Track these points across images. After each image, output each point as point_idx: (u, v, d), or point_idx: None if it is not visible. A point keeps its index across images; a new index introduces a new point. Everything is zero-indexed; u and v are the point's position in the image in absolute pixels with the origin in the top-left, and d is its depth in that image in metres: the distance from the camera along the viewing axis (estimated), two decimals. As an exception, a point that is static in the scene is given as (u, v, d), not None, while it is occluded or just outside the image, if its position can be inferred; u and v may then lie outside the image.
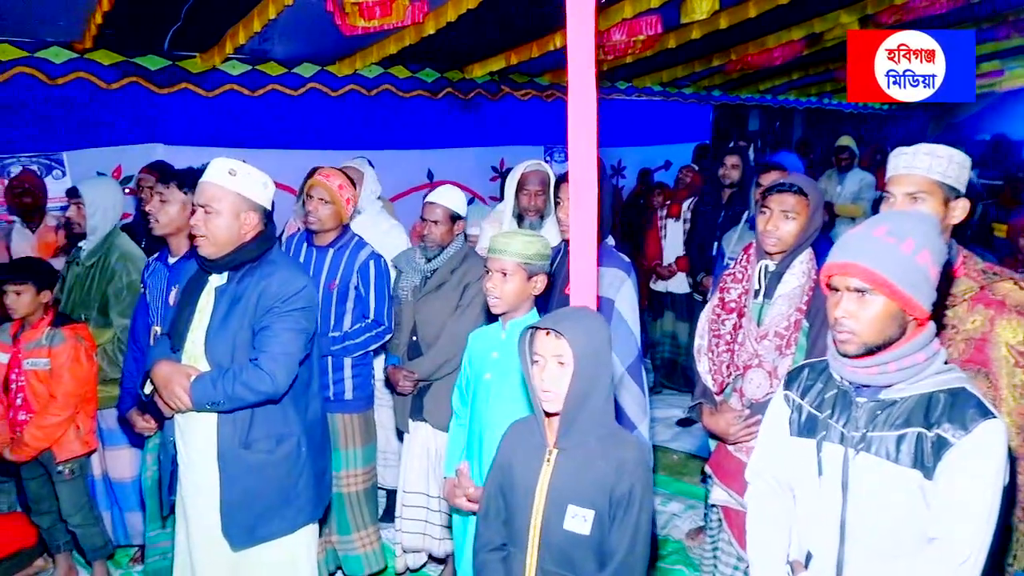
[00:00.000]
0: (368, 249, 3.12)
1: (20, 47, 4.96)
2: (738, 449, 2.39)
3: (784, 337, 2.30)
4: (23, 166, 5.13)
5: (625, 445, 1.70)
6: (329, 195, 3.02)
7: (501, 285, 2.23)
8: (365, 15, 4.19)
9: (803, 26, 6.27)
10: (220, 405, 2.11)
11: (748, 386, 2.37)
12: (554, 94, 7.73)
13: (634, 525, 1.64)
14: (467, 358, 2.45)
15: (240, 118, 5.92)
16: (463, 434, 2.44)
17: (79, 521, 3.16)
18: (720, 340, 2.45)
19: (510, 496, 1.78)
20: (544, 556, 1.70)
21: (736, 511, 2.42)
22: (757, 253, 2.44)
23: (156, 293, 2.86)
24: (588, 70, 1.73)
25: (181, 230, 2.85)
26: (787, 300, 2.32)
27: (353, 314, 3.09)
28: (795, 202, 2.31)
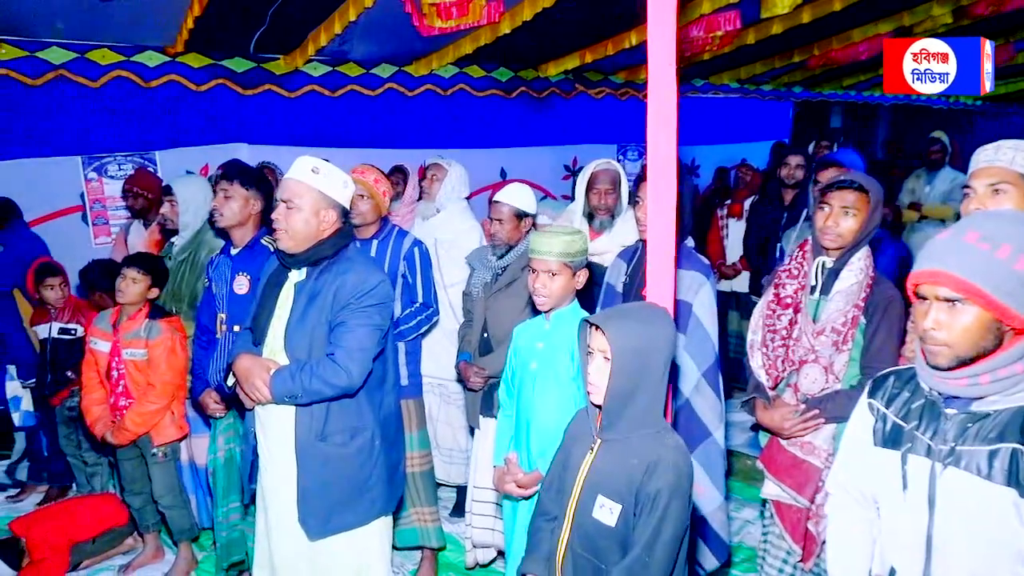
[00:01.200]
0: (411, 237, 3.24)
1: (118, 52, 5.23)
2: (791, 444, 2.39)
3: (841, 333, 2.30)
4: (119, 165, 5.40)
5: (664, 448, 1.69)
6: (367, 190, 3.10)
7: (549, 284, 2.30)
8: (443, 15, 4.24)
9: (891, 19, 6.02)
10: (298, 398, 2.17)
11: (803, 381, 2.36)
12: (628, 92, 7.65)
13: (655, 528, 1.63)
14: (513, 350, 2.50)
15: (320, 118, 6.08)
16: (511, 424, 2.50)
17: (169, 503, 3.31)
18: (775, 335, 2.43)
19: (562, 474, 1.85)
20: (575, 537, 1.76)
21: (787, 505, 2.42)
22: (814, 249, 2.42)
23: (220, 283, 2.99)
24: (668, 68, 1.70)
25: (243, 223, 2.99)
26: (844, 296, 2.31)
27: (402, 301, 3.19)
28: (855, 199, 2.30)
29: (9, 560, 3.36)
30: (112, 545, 3.65)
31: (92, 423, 3.31)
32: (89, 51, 5.15)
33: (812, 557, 2.40)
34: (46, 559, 3.41)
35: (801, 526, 2.39)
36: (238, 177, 2.98)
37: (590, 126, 7.48)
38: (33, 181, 5.07)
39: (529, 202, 3.15)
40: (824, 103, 9.80)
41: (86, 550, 3.54)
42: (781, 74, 8.13)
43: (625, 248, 2.88)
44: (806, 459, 2.35)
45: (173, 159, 5.55)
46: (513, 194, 3.13)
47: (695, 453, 2.56)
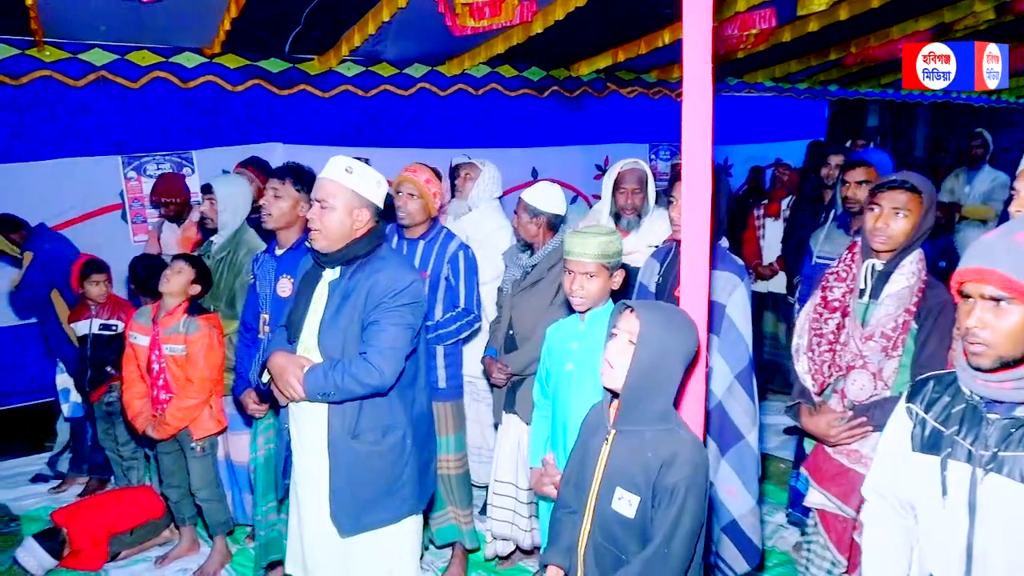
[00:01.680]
0: (457, 240, 3.21)
1: (157, 53, 5.33)
2: (838, 452, 2.33)
3: (891, 339, 2.23)
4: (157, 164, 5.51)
5: (680, 442, 1.70)
6: (417, 190, 3.09)
7: (586, 285, 2.30)
8: (475, 15, 4.26)
9: (932, 16, 5.89)
10: (330, 396, 2.19)
11: (851, 387, 2.30)
12: (661, 91, 7.60)
13: (672, 521, 1.64)
14: (547, 350, 2.50)
15: (353, 117, 6.14)
16: (546, 425, 2.49)
17: (206, 496, 3.37)
18: (822, 340, 2.38)
19: (581, 468, 1.86)
20: (595, 529, 1.77)
21: (833, 515, 2.36)
22: (863, 252, 2.36)
23: (264, 282, 2.99)
24: (704, 67, 1.69)
25: (291, 224, 2.95)
26: (895, 300, 2.25)
27: (444, 303, 3.18)
28: (907, 199, 2.23)
29: (51, 549, 3.44)
30: (149, 537, 3.72)
31: (133, 417, 3.38)
32: (129, 52, 5.25)
33: (858, 569, 2.35)
34: (86, 549, 3.49)
35: (847, 536, 2.34)
36: (290, 177, 2.93)
37: (622, 125, 7.44)
38: (74, 180, 5.19)
39: (549, 202, 3.09)
40: (861, 101, 9.62)
41: (124, 541, 3.62)
42: (817, 72, 8.00)
43: (658, 248, 2.87)
44: (853, 467, 2.29)
45: (210, 158, 5.65)
46: (533, 192, 3.11)
47: (727, 455, 2.54)
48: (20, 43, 4.90)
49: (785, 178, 5.79)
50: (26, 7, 4.19)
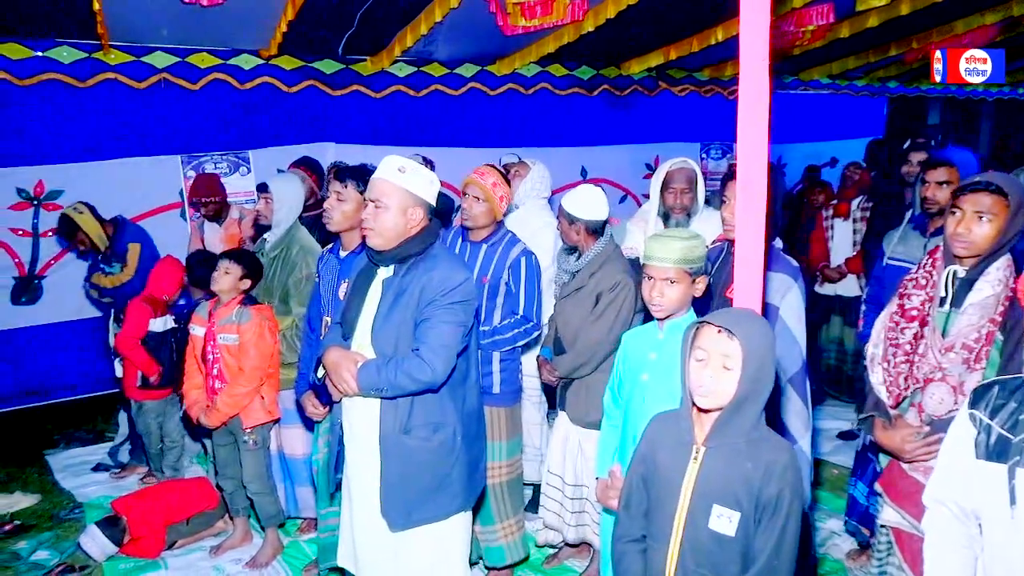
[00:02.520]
0: (520, 246, 3.15)
1: (216, 55, 5.46)
2: (914, 468, 2.21)
3: (973, 350, 2.09)
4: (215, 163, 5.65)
5: (776, 448, 1.63)
6: (483, 193, 3.08)
7: (667, 292, 2.21)
8: (527, 15, 4.26)
9: (999, 9, 5.68)
10: (383, 391, 2.22)
11: (929, 401, 2.17)
12: (713, 89, 7.49)
13: (780, 531, 1.58)
14: (621, 358, 2.43)
15: (405, 117, 6.20)
16: (615, 435, 2.42)
17: (257, 488, 3.44)
18: (898, 350, 2.25)
19: (652, 489, 1.76)
20: (686, 553, 1.67)
21: (909, 534, 2.24)
22: (945, 258, 2.22)
23: (328, 284, 3.00)
24: (761, 64, 1.65)
25: (354, 227, 2.91)
26: (979, 310, 2.10)
27: (503, 309, 3.14)
28: (992, 203, 2.09)
29: (112, 536, 3.56)
30: (204, 527, 3.82)
31: (189, 406, 3.49)
32: (189, 55, 5.40)
33: None
34: (144, 537, 3.61)
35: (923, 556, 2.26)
36: (352, 179, 2.90)
37: (673, 124, 7.36)
38: (136, 179, 5.37)
39: (585, 208, 3.02)
40: (921, 99, 9.33)
41: (181, 530, 3.72)
42: (876, 69, 7.79)
43: (710, 248, 2.82)
44: None
45: (265, 158, 5.78)
46: (571, 199, 3.06)
47: (780, 461, 2.49)
48: (87, 47, 5.08)
49: (856, 177, 5.64)
50: (93, 12, 4.35)
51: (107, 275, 4.29)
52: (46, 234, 5.15)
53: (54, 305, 5.33)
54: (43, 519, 4.05)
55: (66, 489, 4.42)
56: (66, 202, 4.83)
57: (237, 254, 3.41)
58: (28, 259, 5.21)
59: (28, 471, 4.69)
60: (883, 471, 2.36)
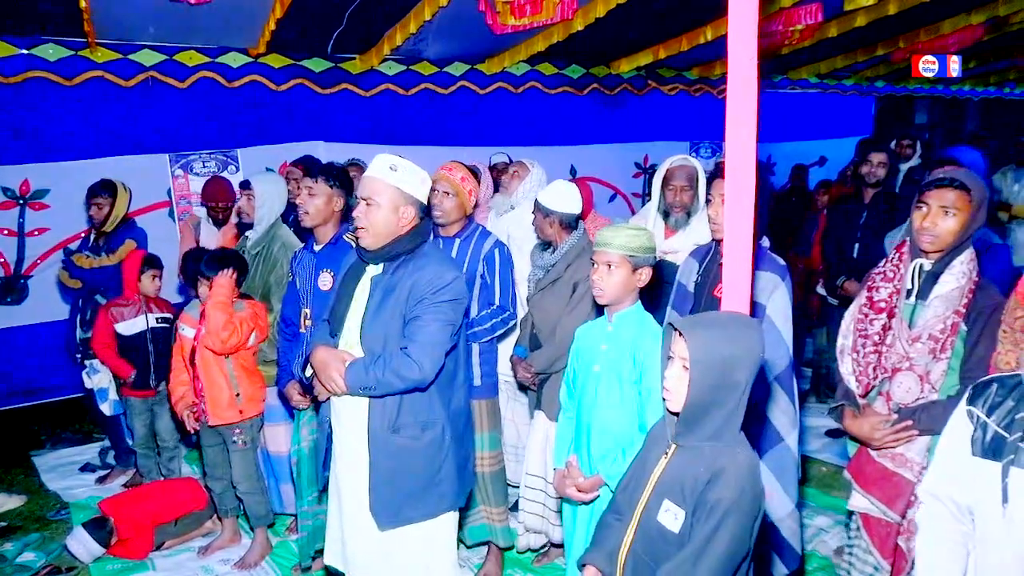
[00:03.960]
0: (492, 238, 3.20)
1: (204, 53, 5.44)
2: (882, 455, 2.28)
3: (939, 341, 2.16)
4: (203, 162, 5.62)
5: (732, 461, 1.62)
6: (452, 187, 3.10)
7: (607, 277, 2.29)
8: (516, 13, 4.26)
9: (985, 9, 5.73)
10: (372, 390, 2.21)
11: (896, 390, 2.24)
12: (702, 88, 7.52)
13: (706, 537, 1.56)
14: (575, 351, 2.48)
15: (394, 116, 6.20)
16: (571, 426, 2.47)
17: (246, 489, 3.43)
18: (867, 341, 2.32)
19: (638, 477, 1.84)
20: (638, 539, 1.75)
21: (876, 519, 2.32)
22: (911, 251, 2.30)
23: (304, 278, 3.06)
24: (749, 63, 1.66)
25: (327, 220, 3.04)
26: (944, 302, 2.18)
27: (479, 301, 3.18)
28: (955, 198, 2.17)
29: (99, 538, 3.54)
30: (193, 527, 3.79)
31: (176, 403, 3.47)
32: (177, 53, 5.37)
33: (902, 574, 2.30)
34: (132, 538, 3.58)
35: (890, 541, 2.29)
36: (322, 174, 3.03)
37: (662, 123, 7.39)
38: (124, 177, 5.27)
39: (560, 201, 3.06)
40: (909, 98, 9.41)
41: (169, 531, 3.70)
42: (863, 68, 7.84)
43: (698, 247, 2.83)
44: (897, 471, 2.24)
45: (253, 156, 5.75)
46: (546, 192, 3.11)
47: (766, 458, 2.50)
48: (73, 44, 5.04)
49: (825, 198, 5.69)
50: (80, 10, 4.31)
51: (88, 258, 4.25)
52: (32, 233, 5.12)
53: (40, 305, 5.30)
54: (29, 520, 4.02)
55: (53, 490, 4.39)
56: (51, 201, 4.80)
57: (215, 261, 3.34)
58: (14, 259, 5.18)
59: (14, 472, 4.65)
60: (852, 458, 2.42)
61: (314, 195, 3.01)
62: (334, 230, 3.06)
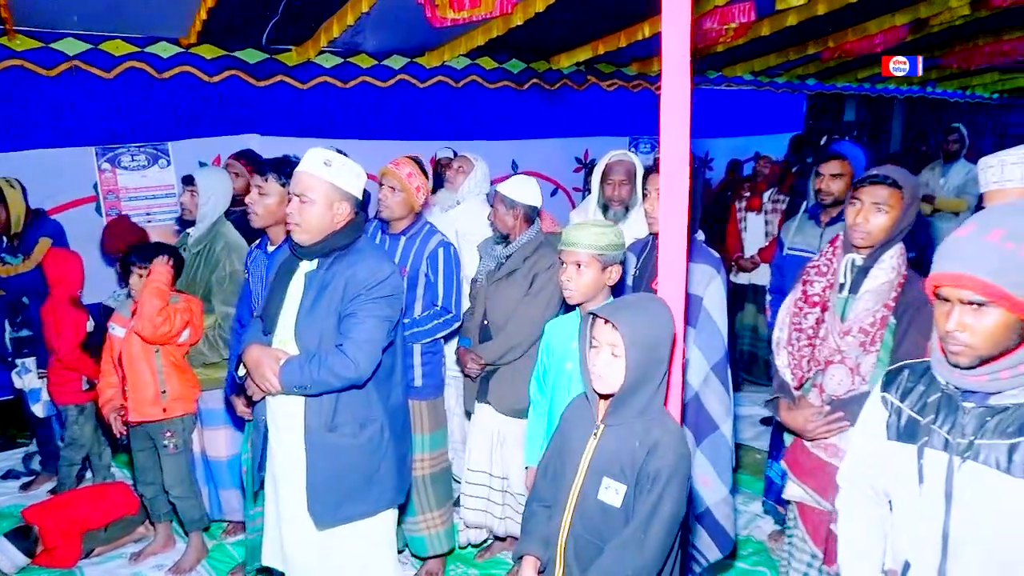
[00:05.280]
0: (438, 237, 3.16)
1: (131, 43, 5.24)
2: (816, 446, 2.35)
3: (869, 334, 2.23)
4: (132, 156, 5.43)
5: (665, 431, 1.73)
6: (399, 183, 3.06)
7: (576, 277, 2.28)
8: (455, 7, 4.22)
9: (908, 11, 5.95)
10: (307, 389, 2.17)
11: (829, 382, 2.31)
12: (641, 84, 7.61)
13: (652, 505, 1.67)
14: (545, 347, 2.49)
15: (332, 109, 6.09)
16: (543, 423, 2.47)
17: (179, 493, 3.33)
18: (801, 334, 2.38)
19: (558, 460, 1.88)
20: (577, 520, 1.79)
21: (811, 508, 2.39)
22: (844, 246, 2.36)
23: (256, 279, 2.94)
24: (683, 60, 1.68)
25: (279, 221, 2.88)
26: (874, 296, 2.25)
27: (423, 301, 3.13)
28: (888, 194, 2.23)
29: (23, 547, 3.39)
30: (124, 533, 3.68)
31: (103, 404, 3.35)
32: (103, 42, 5.16)
33: (835, 561, 2.37)
34: (59, 547, 3.44)
35: (824, 528, 2.35)
36: (273, 172, 2.88)
37: (602, 118, 7.45)
38: (47, 171, 5.10)
39: (525, 193, 3.09)
40: (838, 96, 9.71)
41: (98, 538, 3.57)
42: (795, 66, 8.05)
43: (636, 241, 2.87)
44: (830, 462, 2.30)
45: (186, 150, 5.58)
46: (508, 184, 3.12)
47: (702, 446, 2.56)
48: (-11, 32, 4.80)
49: (767, 171, 5.82)
50: (-5, -5, 4.12)
51: (4, 264, 4.06)
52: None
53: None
54: (-53, 531, 3.83)
55: (-28, 499, 4.19)
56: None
57: (147, 253, 3.24)
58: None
59: (-70, 482, 4.42)
60: (787, 449, 2.48)
61: (265, 194, 2.87)
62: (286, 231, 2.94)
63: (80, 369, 3.90)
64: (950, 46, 7.26)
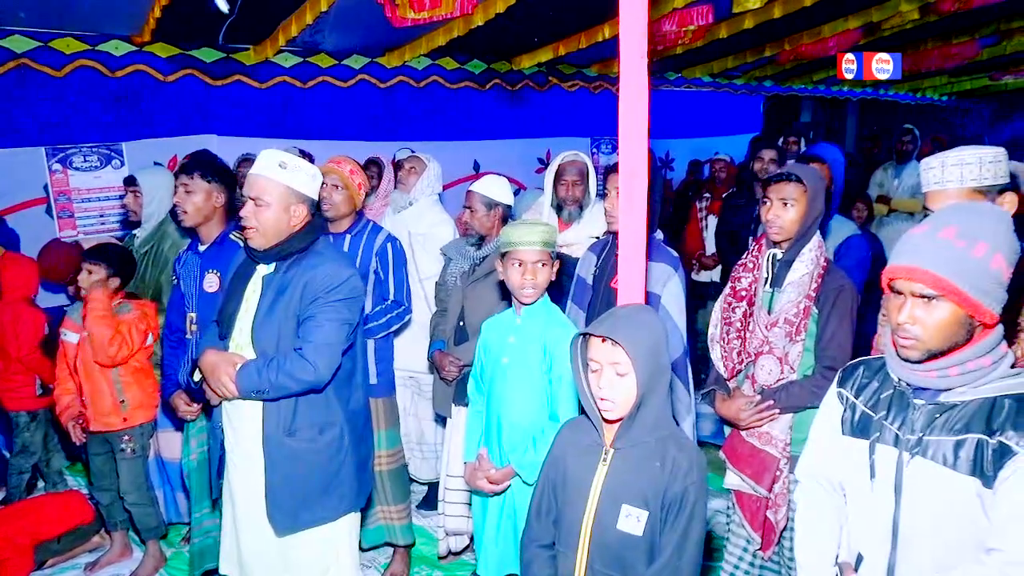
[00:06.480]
0: (384, 233, 3.19)
1: (82, 40, 5.11)
2: (750, 434, 2.45)
3: (794, 324, 2.34)
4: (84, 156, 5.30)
5: (681, 448, 1.65)
6: (341, 180, 3.06)
7: (538, 275, 2.29)
8: (415, 7, 4.20)
9: (860, 15, 6.08)
10: (265, 393, 2.14)
11: (759, 372, 2.41)
12: (602, 85, 7.66)
13: (684, 529, 1.60)
14: (482, 345, 2.49)
15: (291, 109, 6.02)
16: (481, 419, 2.49)
17: (134, 500, 3.25)
18: (731, 328, 2.49)
19: (562, 494, 1.76)
20: (595, 556, 1.67)
21: (747, 495, 2.48)
22: (766, 243, 2.47)
23: (189, 281, 2.92)
24: (640, 61, 1.70)
25: (209, 218, 2.89)
26: (796, 287, 2.36)
27: (373, 297, 3.15)
28: (792, 189, 2.36)
29: (-29, 560, 3.29)
30: (78, 543, 3.59)
31: (61, 412, 3.27)
32: (52, 40, 5.02)
33: (771, 546, 2.44)
34: (10, 559, 3.34)
35: (760, 515, 2.44)
36: (198, 169, 2.87)
37: (563, 119, 7.48)
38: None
39: (504, 193, 3.16)
40: (794, 97, 9.90)
41: (52, 549, 3.48)
42: (753, 68, 8.18)
43: (596, 240, 2.89)
44: (764, 449, 2.40)
45: (140, 151, 5.46)
46: (487, 184, 3.16)
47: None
48: (-68, 28, 4.65)
49: (724, 175, 5.90)
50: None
51: None
52: None
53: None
54: None
55: (-83, 512, 4.05)
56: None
57: (98, 251, 3.17)
58: None
59: None
60: (726, 439, 2.58)
61: (191, 192, 2.84)
62: (219, 228, 2.92)
63: (38, 371, 3.80)
64: (901, 49, 7.44)
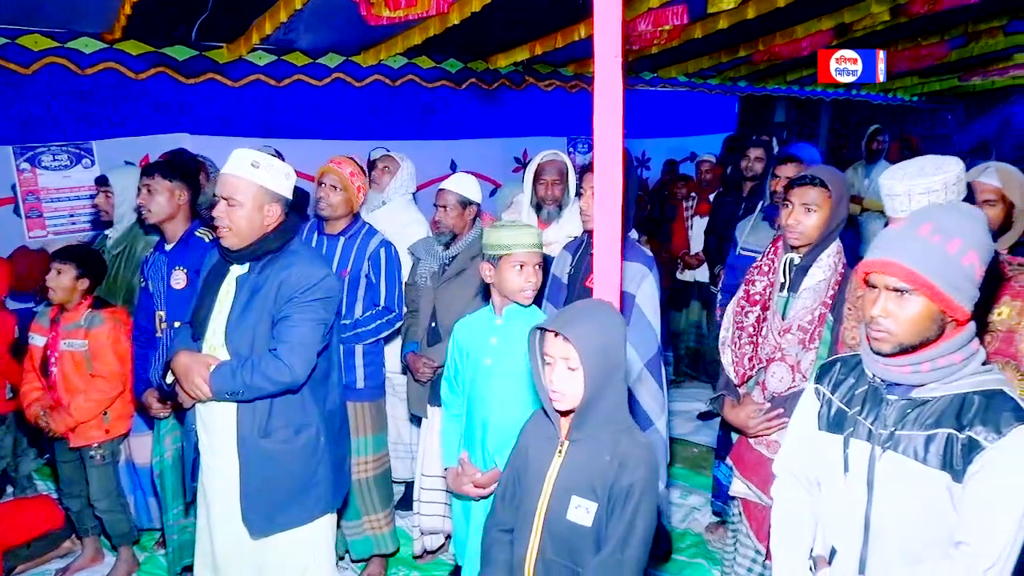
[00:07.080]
0: (379, 237, 3.16)
1: (51, 37, 5.02)
2: (759, 442, 2.39)
3: (808, 331, 2.28)
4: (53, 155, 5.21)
5: (633, 443, 1.68)
6: (340, 181, 3.04)
7: (537, 275, 2.29)
8: (391, 5, 4.17)
9: (833, 16, 6.15)
10: (239, 395, 2.12)
11: (770, 379, 2.35)
12: (578, 85, 7.67)
13: (628, 522, 1.61)
14: (455, 347, 2.46)
15: (265, 108, 5.96)
16: (458, 424, 2.47)
17: (105, 507, 3.21)
18: (743, 333, 2.43)
19: (522, 482, 1.80)
20: (546, 543, 1.71)
21: (755, 504, 2.42)
22: (784, 246, 2.42)
23: (157, 280, 2.93)
24: (614, 60, 1.71)
25: (172, 217, 2.92)
26: (812, 294, 2.30)
27: (364, 302, 3.12)
28: (816, 195, 2.29)
29: (-62, 567, 3.23)
30: (49, 549, 3.53)
31: (27, 406, 3.22)
32: (20, 36, 4.93)
33: None
34: (-23, 566, 3.29)
35: (766, 525, 2.39)
36: (158, 170, 2.92)
37: (540, 118, 7.48)
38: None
39: (474, 191, 3.15)
40: (768, 97, 9.99)
41: (21, 555, 3.42)
42: (727, 68, 8.24)
43: (571, 240, 2.90)
44: (772, 458, 2.31)
45: (111, 149, 5.37)
46: (459, 182, 3.14)
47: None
48: None
49: (710, 177, 5.96)
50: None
51: None
52: None
53: None
54: None
55: None
56: None
57: (67, 252, 3.13)
58: None
59: None
60: (733, 446, 2.54)
61: (153, 192, 2.88)
62: (184, 226, 2.94)
63: (7, 375, 3.72)
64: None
